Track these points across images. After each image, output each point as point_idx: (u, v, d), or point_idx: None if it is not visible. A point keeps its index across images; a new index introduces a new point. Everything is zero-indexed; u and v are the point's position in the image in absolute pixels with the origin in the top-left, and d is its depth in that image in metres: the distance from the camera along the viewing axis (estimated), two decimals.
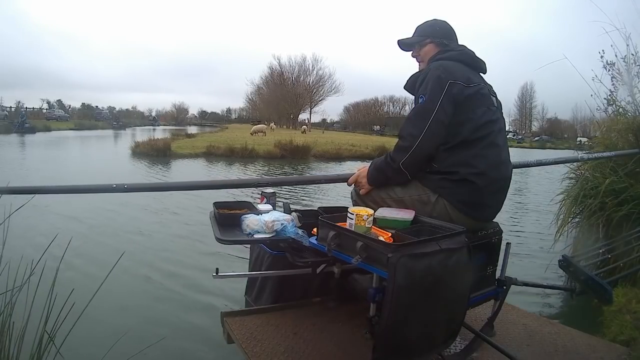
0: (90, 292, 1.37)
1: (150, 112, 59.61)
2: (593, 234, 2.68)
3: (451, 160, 1.33)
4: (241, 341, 1.42)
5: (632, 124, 2.97)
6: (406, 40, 1.57)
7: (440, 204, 1.34)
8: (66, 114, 37.61)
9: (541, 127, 52.39)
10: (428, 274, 1.06)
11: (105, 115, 41.67)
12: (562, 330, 1.66)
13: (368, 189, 1.47)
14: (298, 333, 1.49)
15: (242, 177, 8.83)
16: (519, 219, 5.50)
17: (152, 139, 14.30)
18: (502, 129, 1.43)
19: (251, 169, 10.49)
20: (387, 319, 1.03)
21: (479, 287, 1.41)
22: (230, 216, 1.48)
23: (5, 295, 1.26)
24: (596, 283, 1.53)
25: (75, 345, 1.85)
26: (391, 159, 1.38)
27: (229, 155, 12.74)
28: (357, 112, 57.19)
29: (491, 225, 1.45)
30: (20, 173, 8.25)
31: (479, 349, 1.40)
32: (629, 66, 3.21)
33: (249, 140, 15.28)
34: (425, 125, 1.31)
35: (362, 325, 1.43)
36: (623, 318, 1.96)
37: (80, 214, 4.64)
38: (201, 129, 35.36)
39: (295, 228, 1.40)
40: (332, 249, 1.18)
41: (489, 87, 1.46)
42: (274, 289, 1.72)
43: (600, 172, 2.90)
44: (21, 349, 1.25)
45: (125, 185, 1.46)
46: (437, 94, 1.32)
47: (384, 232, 1.18)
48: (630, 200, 2.58)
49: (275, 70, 50.76)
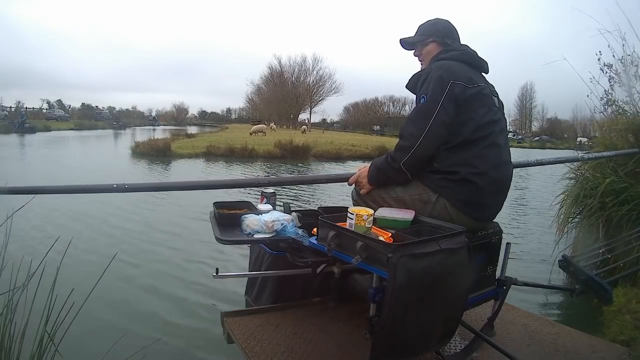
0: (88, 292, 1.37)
1: (150, 112, 59.51)
2: (593, 234, 2.68)
3: (452, 160, 1.33)
4: (241, 341, 1.42)
5: (631, 124, 2.97)
6: (408, 39, 1.57)
7: (441, 204, 1.34)
8: (66, 114, 37.59)
9: (541, 127, 52.38)
10: (428, 274, 1.06)
11: (105, 115, 41.60)
12: (562, 330, 1.66)
13: (368, 188, 1.47)
14: (298, 333, 1.49)
15: (242, 177, 8.83)
16: (519, 219, 5.50)
17: (152, 139, 14.31)
18: (503, 129, 1.43)
19: (251, 169, 10.50)
20: (386, 318, 1.03)
21: (479, 287, 1.41)
22: (230, 216, 1.48)
23: (6, 295, 1.26)
24: (596, 283, 1.53)
25: (75, 345, 1.85)
26: (392, 159, 1.38)
27: (229, 155, 12.74)
28: (357, 112, 57.17)
29: (491, 225, 1.45)
30: (20, 173, 8.25)
31: (479, 349, 1.40)
32: (626, 67, 3.22)
33: (249, 140, 15.28)
34: (427, 125, 1.31)
35: (362, 325, 1.43)
36: (623, 318, 1.96)
37: (80, 213, 4.65)
38: (201, 129, 35.33)
39: (295, 228, 1.40)
40: (332, 249, 1.18)
41: (490, 87, 1.46)
42: (274, 289, 1.72)
43: (600, 172, 2.91)
44: (22, 348, 1.25)
45: (126, 185, 1.46)
46: (438, 94, 1.31)
47: (384, 232, 1.18)
48: (630, 200, 2.58)
49: (275, 70, 50.83)
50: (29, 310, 1.27)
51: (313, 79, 49.94)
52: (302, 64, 49.65)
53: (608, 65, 3.29)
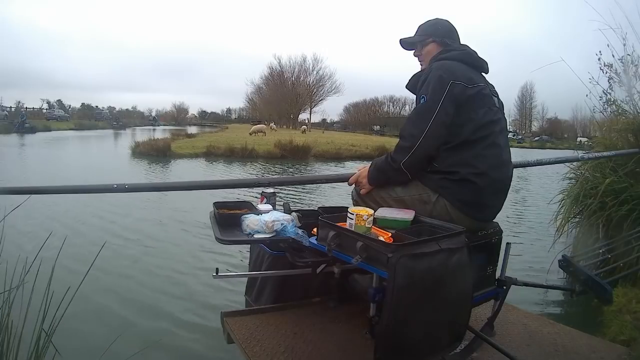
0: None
1: (150, 112, 59.58)
2: (593, 234, 2.68)
3: (452, 160, 1.33)
4: (241, 341, 1.42)
5: (631, 123, 2.97)
6: (408, 39, 1.57)
7: (441, 204, 1.34)
8: (66, 114, 37.58)
9: (541, 127, 52.38)
10: (428, 274, 1.06)
11: (105, 115, 41.62)
12: (562, 330, 1.66)
13: (368, 188, 1.47)
14: (298, 333, 1.49)
15: (242, 177, 8.83)
16: (519, 219, 5.50)
17: (152, 139, 14.32)
18: (503, 130, 1.43)
19: (251, 169, 10.49)
20: (387, 319, 1.03)
21: (479, 287, 1.41)
22: (230, 216, 1.48)
23: (3, 295, 1.27)
24: (596, 283, 1.53)
25: (74, 343, 1.86)
26: (392, 159, 1.38)
27: (229, 155, 12.74)
28: (357, 112, 57.18)
29: (491, 225, 1.45)
30: (18, 174, 8.25)
31: (479, 349, 1.40)
32: (626, 67, 3.22)
33: (249, 140, 15.28)
34: (427, 125, 1.31)
35: (362, 325, 1.43)
36: (623, 318, 1.96)
37: (81, 213, 4.64)
38: (201, 129, 35.35)
39: (295, 228, 1.40)
40: (332, 249, 1.17)
41: (490, 87, 1.46)
42: (274, 289, 1.72)
43: (600, 172, 2.91)
44: (19, 347, 1.25)
45: (126, 186, 1.46)
46: (438, 94, 1.31)
47: (384, 232, 1.18)
48: (630, 200, 2.58)
49: (275, 70, 50.84)
50: (26, 308, 1.27)
51: (313, 79, 50.04)
52: (302, 64, 49.78)
53: (608, 65, 3.29)
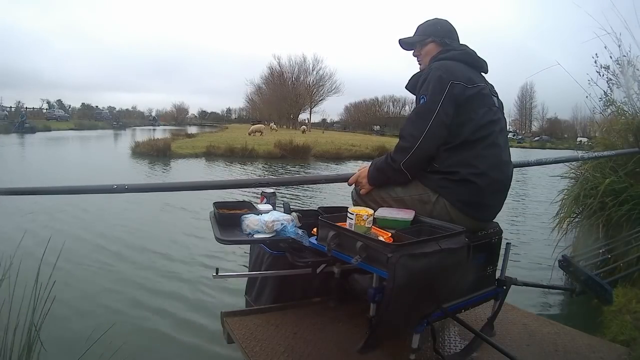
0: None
1: (150, 112, 59.46)
2: (593, 234, 2.68)
3: (452, 160, 1.33)
4: (241, 341, 1.42)
5: (631, 124, 2.98)
6: (407, 39, 1.57)
7: (441, 204, 1.34)
8: (66, 114, 37.56)
9: (541, 127, 52.40)
10: (428, 274, 1.06)
11: (105, 115, 41.57)
12: (562, 330, 1.66)
13: (368, 188, 1.47)
14: (298, 333, 1.49)
15: (242, 177, 8.83)
16: (519, 219, 5.50)
17: (152, 139, 14.29)
18: (503, 130, 1.43)
19: (251, 169, 10.49)
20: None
21: (479, 287, 1.41)
22: (230, 216, 1.48)
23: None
24: (596, 283, 1.53)
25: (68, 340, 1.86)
26: (392, 160, 1.38)
27: (229, 155, 12.75)
28: (357, 112, 57.20)
29: (491, 225, 1.45)
30: (17, 173, 8.25)
31: (479, 349, 1.40)
32: (623, 68, 3.22)
33: (249, 140, 15.28)
34: (426, 125, 1.31)
35: (362, 325, 1.43)
36: (623, 318, 1.96)
37: (81, 213, 4.65)
38: (201, 129, 35.33)
39: (295, 228, 1.40)
40: (332, 249, 1.18)
41: (490, 87, 1.46)
42: (274, 289, 1.72)
43: (600, 172, 2.91)
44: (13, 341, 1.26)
45: (126, 186, 1.46)
46: (438, 95, 1.31)
47: (384, 232, 1.18)
48: (630, 200, 2.58)
49: (275, 70, 50.82)
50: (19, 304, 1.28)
51: (313, 79, 49.98)
52: (302, 64, 49.73)
53: (605, 67, 3.29)
